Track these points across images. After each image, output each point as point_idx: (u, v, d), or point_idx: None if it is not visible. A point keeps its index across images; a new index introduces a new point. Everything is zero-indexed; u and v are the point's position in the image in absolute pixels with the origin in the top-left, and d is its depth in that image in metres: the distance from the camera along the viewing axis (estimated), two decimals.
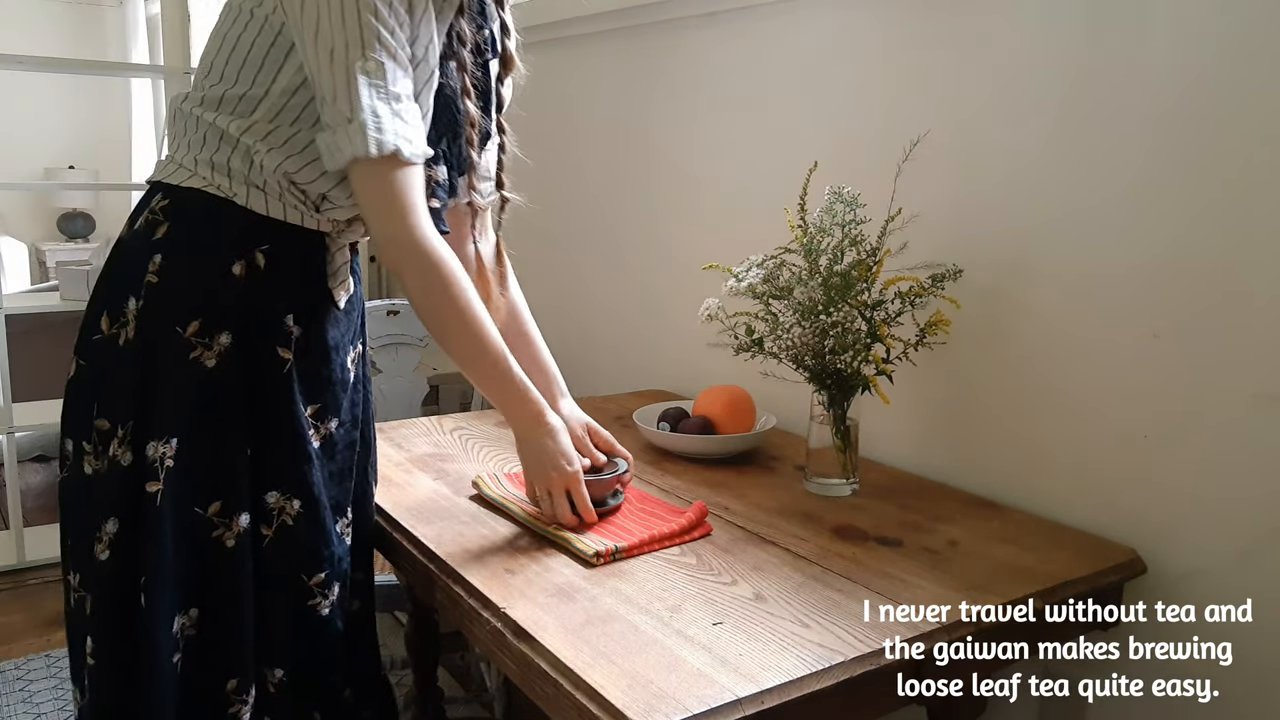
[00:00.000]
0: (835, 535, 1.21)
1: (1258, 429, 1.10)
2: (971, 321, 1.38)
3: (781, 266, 1.33)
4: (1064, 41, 1.25)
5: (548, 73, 2.35)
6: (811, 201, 1.35)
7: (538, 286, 2.44)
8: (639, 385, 2.06)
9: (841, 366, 1.28)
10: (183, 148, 1.11)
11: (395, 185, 1.03)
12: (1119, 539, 1.23)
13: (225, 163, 1.07)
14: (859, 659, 0.92)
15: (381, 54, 1.01)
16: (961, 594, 1.05)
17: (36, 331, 3.05)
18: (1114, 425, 1.24)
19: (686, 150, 1.92)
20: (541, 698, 0.93)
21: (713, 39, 1.82)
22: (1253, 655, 1.13)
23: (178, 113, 1.12)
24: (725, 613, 1.00)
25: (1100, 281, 1.24)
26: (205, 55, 1.11)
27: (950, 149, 1.39)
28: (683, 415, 1.57)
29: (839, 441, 1.34)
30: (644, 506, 1.28)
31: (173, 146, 1.13)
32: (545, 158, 2.38)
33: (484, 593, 1.04)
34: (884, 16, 1.48)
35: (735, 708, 0.84)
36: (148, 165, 5.09)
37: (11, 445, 2.70)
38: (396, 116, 1.01)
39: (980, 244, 1.37)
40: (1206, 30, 1.10)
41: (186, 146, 1.10)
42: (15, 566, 2.64)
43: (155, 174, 1.12)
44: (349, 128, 1.00)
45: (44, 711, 1.99)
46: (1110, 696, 1.27)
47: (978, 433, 1.41)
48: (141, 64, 4.98)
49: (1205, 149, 1.12)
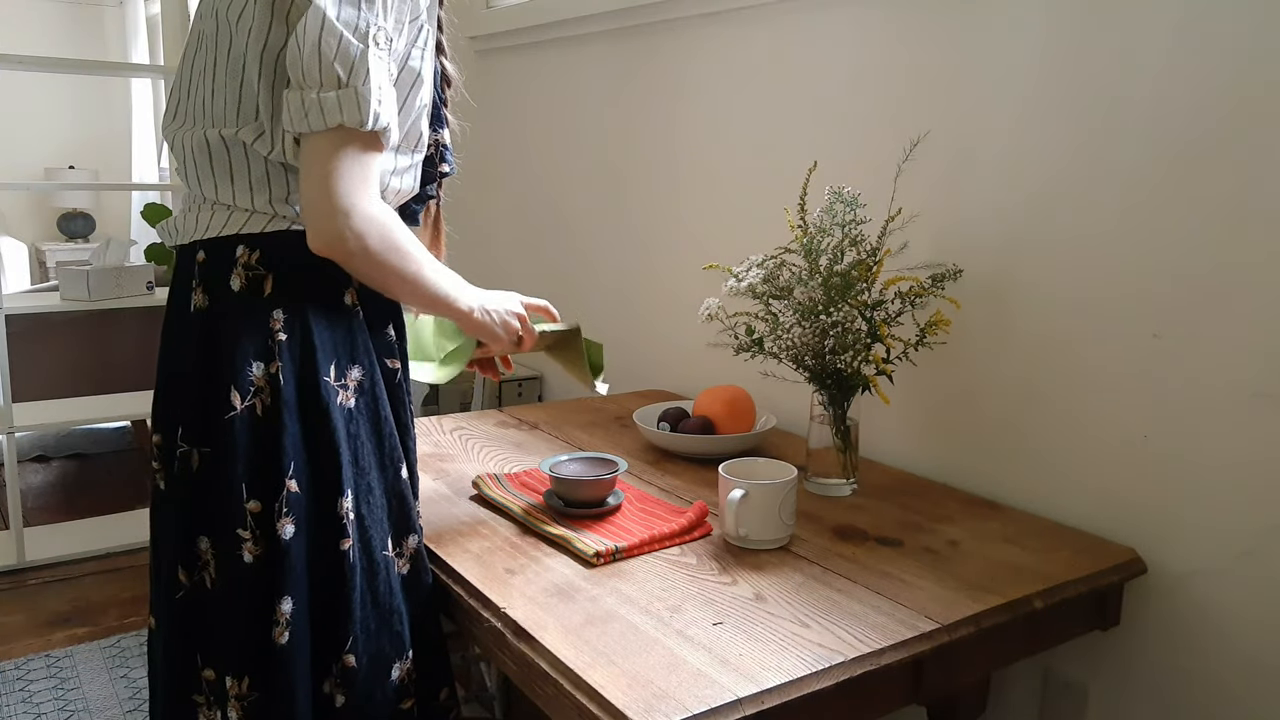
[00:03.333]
0: (835, 535, 1.21)
1: (1258, 429, 1.10)
2: (971, 321, 1.38)
3: (781, 266, 1.33)
4: (1064, 41, 1.25)
5: (547, 73, 2.36)
6: (811, 201, 1.35)
7: (537, 286, 2.44)
8: (639, 385, 2.06)
9: (841, 366, 1.28)
10: (240, 192, 1.03)
11: (370, 161, 0.98)
12: (1119, 539, 1.23)
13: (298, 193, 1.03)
14: (859, 659, 0.92)
15: (391, 25, 0.98)
16: (961, 594, 1.05)
17: (36, 331, 3.05)
18: (1114, 425, 1.24)
19: (686, 150, 1.92)
20: (541, 698, 0.93)
21: (712, 39, 1.82)
22: (1253, 655, 1.13)
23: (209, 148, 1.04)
24: (725, 613, 1.00)
25: (1100, 282, 1.24)
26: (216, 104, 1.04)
27: (950, 149, 1.39)
28: (683, 415, 1.57)
29: (839, 441, 1.34)
30: (644, 506, 1.28)
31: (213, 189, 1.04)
32: (545, 157, 2.39)
33: (484, 593, 1.05)
34: (884, 17, 1.48)
35: (735, 708, 0.84)
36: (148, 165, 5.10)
37: (11, 445, 2.70)
38: (390, 96, 0.99)
39: (980, 244, 1.37)
40: (1207, 30, 1.10)
41: (248, 190, 1.03)
42: (15, 566, 2.64)
43: (214, 228, 1.02)
44: (341, 93, 0.93)
45: (44, 712, 1.99)
46: (1110, 696, 1.28)
47: (978, 433, 1.41)
48: (141, 64, 4.99)
49: (1206, 148, 1.12)
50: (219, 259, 1.03)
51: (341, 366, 1.04)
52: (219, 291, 1.02)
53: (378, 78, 0.96)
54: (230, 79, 1.02)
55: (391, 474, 1.08)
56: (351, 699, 1.03)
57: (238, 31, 1.00)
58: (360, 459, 1.05)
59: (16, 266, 4.78)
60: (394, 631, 1.06)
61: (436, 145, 1.15)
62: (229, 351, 1.00)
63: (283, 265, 1.02)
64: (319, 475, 1.02)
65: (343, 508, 1.02)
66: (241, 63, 1.01)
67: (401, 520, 1.08)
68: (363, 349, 1.06)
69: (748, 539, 1.16)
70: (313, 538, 1.01)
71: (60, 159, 5.42)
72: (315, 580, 1.02)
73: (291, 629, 1.00)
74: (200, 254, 1.04)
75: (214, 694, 1.03)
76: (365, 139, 0.97)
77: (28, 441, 3.45)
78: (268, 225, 1.02)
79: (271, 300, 1.01)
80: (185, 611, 1.04)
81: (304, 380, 1.01)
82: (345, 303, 1.06)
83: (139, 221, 4.77)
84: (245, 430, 1.00)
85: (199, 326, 1.03)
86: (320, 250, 0.97)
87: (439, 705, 1.13)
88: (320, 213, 0.96)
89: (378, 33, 0.96)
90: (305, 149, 0.96)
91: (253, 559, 1.00)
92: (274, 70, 0.99)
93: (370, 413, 1.06)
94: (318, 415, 1.02)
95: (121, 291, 2.81)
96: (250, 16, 0.99)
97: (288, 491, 1.00)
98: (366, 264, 1.00)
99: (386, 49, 0.98)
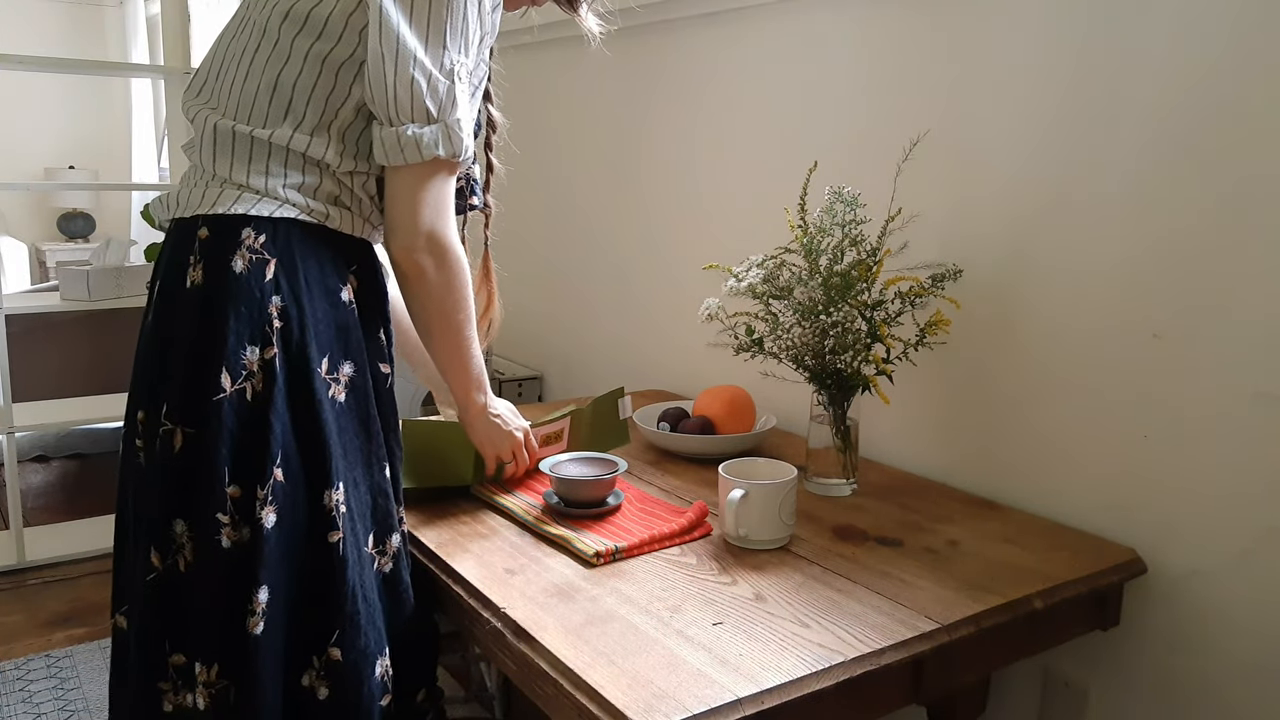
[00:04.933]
0: (835, 535, 1.21)
1: (1258, 429, 1.10)
2: (971, 321, 1.38)
3: (781, 266, 1.33)
4: (1064, 41, 1.25)
5: (548, 73, 2.36)
6: (811, 201, 1.35)
7: (538, 286, 2.44)
8: (639, 385, 2.06)
9: (841, 366, 1.28)
10: (255, 175, 1.04)
11: (448, 187, 1.08)
12: (1119, 539, 1.23)
13: (315, 187, 1.05)
14: (859, 659, 0.92)
15: (468, 57, 1.05)
16: (961, 594, 1.05)
17: (36, 331, 3.05)
18: (1114, 425, 1.24)
19: (687, 150, 1.92)
20: (541, 698, 0.93)
21: (713, 39, 1.82)
22: (1252, 655, 1.13)
23: (233, 136, 1.05)
24: (725, 613, 1.00)
25: (1101, 282, 1.24)
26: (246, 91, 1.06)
27: (950, 149, 1.39)
28: (683, 415, 1.57)
29: (839, 441, 1.34)
30: (644, 506, 1.28)
31: (227, 168, 1.05)
32: (545, 158, 2.39)
33: (484, 593, 1.05)
34: (885, 17, 1.48)
35: (735, 708, 0.84)
36: (148, 165, 5.10)
37: (11, 445, 2.70)
38: (470, 128, 1.07)
39: (980, 244, 1.37)
40: (1207, 29, 1.10)
41: (263, 174, 1.04)
42: (15, 566, 2.64)
43: (222, 205, 1.02)
44: (433, 128, 1.03)
45: (44, 712, 1.99)
46: (1110, 696, 1.28)
47: (978, 433, 1.41)
48: (141, 64, 4.98)
49: (1205, 148, 1.12)
50: (223, 237, 1.02)
51: (335, 360, 1.04)
52: (219, 270, 1.01)
53: (463, 111, 1.05)
54: (269, 68, 1.05)
55: (376, 472, 1.08)
56: (335, 692, 1.02)
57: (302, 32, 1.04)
58: (348, 453, 1.05)
59: (16, 266, 4.78)
60: (376, 628, 1.06)
61: (466, 178, 1.23)
62: (223, 332, 0.99)
63: (287, 253, 1.03)
64: (307, 466, 1.01)
65: (332, 500, 1.02)
66: (287, 54, 1.04)
67: (384, 519, 1.08)
68: (356, 346, 1.07)
69: (748, 539, 1.16)
70: (297, 529, 1.01)
71: (60, 159, 5.42)
72: (298, 572, 1.01)
73: (267, 619, 0.99)
74: (203, 230, 1.03)
75: (182, 679, 1.01)
76: (450, 167, 1.08)
77: (28, 441, 3.45)
78: (277, 211, 1.03)
79: (272, 286, 1.01)
80: (156, 595, 1.01)
81: (298, 369, 1.01)
82: (343, 299, 1.06)
83: (139, 221, 4.77)
84: (233, 413, 0.99)
85: (194, 303, 1.01)
86: (399, 261, 1.08)
87: (416, 705, 1.13)
88: (406, 231, 1.07)
89: (460, 68, 1.04)
90: (396, 177, 1.05)
91: (231, 544, 0.99)
92: (334, 76, 1.04)
93: (360, 409, 1.06)
94: (309, 406, 1.01)
95: (121, 291, 2.81)
96: (321, 19, 1.03)
97: (273, 480, 0.99)
98: (429, 284, 1.10)
99: (469, 83, 1.06)
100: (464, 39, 1.04)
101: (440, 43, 1.02)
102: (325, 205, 1.05)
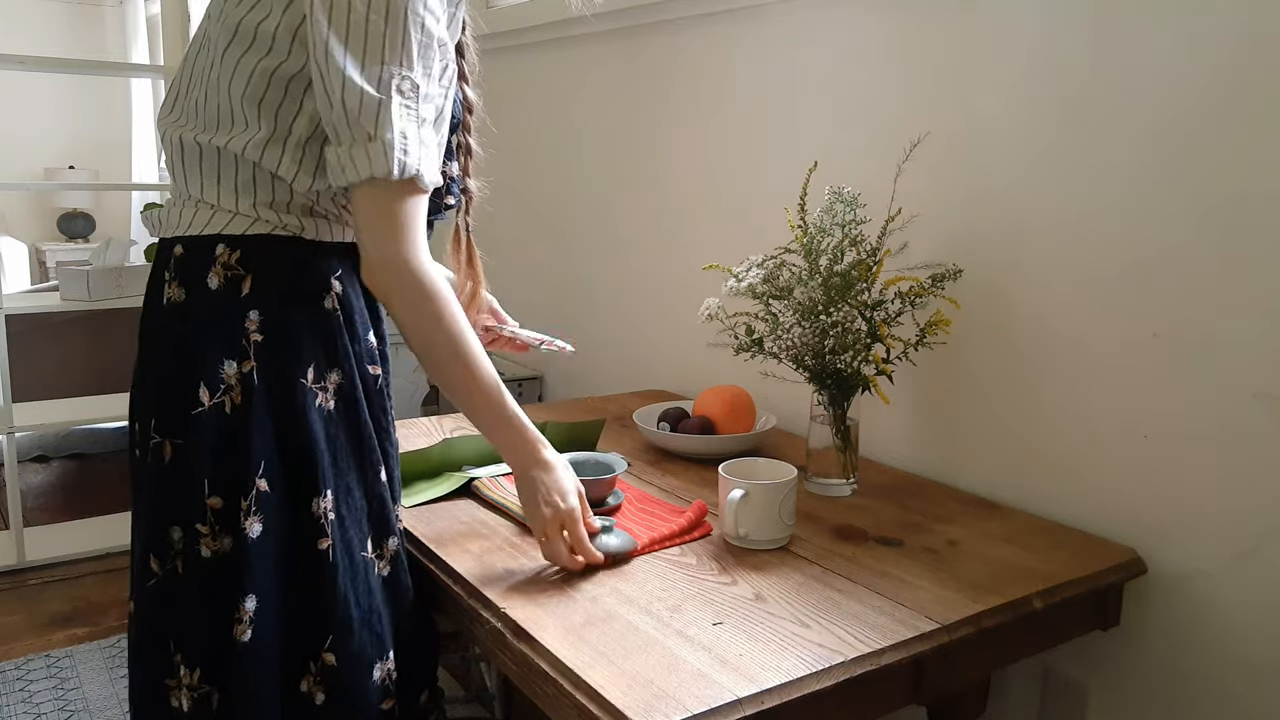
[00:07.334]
0: (835, 535, 1.21)
1: (1257, 429, 1.10)
2: (971, 321, 1.38)
3: (781, 266, 1.33)
4: (1064, 41, 1.25)
5: (548, 73, 2.36)
6: (811, 201, 1.35)
7: (538, 287, 2.44)
8: (639, 385, 2.06)
9: (841, 366, 1.28)
10: (226, 193, 1.03)
11: (404, 209, 1.00)
12: (1119, 539, 1.23)
13: (286, 201, 1.04)
14: (859, 659, 0.92)
15: (418, 73, 0.98)
16: (961, 594, 1.05)
17: (36, 331, 3.05)
18: (1114, 425, 1.24)
19: (686, 150, 1.92)
20: (541, 698, 0.93)
21: (713, 39, 1.82)
22: (1252, 655, 1.13)
23: (199, 149, 1.04)
24: (725, 613, 1.00)
25: (1100, 282, 1.24)
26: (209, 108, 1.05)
27: (950, 149, 1.39)
28: (683, 415, 1.57)
29: (839, 441, 1.34)
30: (644, 506, 1.28)
31: (198, 187, 1.05)
32: (545, 156, 2.39)
33: (484, 593, 1.05)
34: (884, 17, 1.48)
35: (735, 708, 0.84)
36: (148, 165, 5.09)
37: (11, 445, 2.70)
38: (421, 142, 0.99)
39: (980, 244, 1.37)
40: (1207, 30, 1.10)
41: (233, 192, 1.03)
42: (15, 566, 2.64)
43: (196, 226, 1.03)
44: (370, 145, 0.96)
45: (44, 711, 1.99)
46: (1110, 696, 1.28)
47: (978, 433, 1.41)
48: (141, 64, 4.99)
49: (1205, 148, 1.12)
50: (198, 255, 1.03)
51: (320, 369, 1.04)
52: (195, 288, 1.03)
53: (401, 125, 0.97)
54: (220, 83, 1.03)
55: (371, 476, 1.08)
56: (332, 697, 1.03)
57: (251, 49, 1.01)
58: (339, 460, 1.05)
59: (16, 266, 4.78)
60: (374, 632, 1.06)
61: (445, 177, 1.16)
62: (200, 348, 1.01)
63: (263, 267, 1.03)
64: (293, 475, 1.02)
65: (320, 508, 1.02)
66: (234, 69, 1.01)
67: (381, 523, 1.08)
68: (343, 353, 1.06)
69: (748, 539, 1.16)
70: (286, 537, 1.02)
71: (60, 159, 5.41)
72: (289, 579, 1.02)
73: (254, 627, 1.00)
74: (178, 248, 1.04)
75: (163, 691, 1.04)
76: (397, 188, 0.99)
77: (28, 441, 3.45)
78: (250, 228, 1.03)
79: (248, 300, 1.02)
80: (156, 598, 1.04)
81: (279, 381, 1.02)
82: (325, 307, 1.06)
83: (139, 221, 4.74)
84: (212, 427, 1.00)
85: (172, 321, 1.04)
86: (369, 288, 1.04)
87: (419, 708, 1.14)
88: (364, 255, 1.02)
89: (401, 82, 0.97)
90: (353, 198, 1.00)
91: (211, 554, 1.00)
92: (283, 89, 1.01)
93: (349, 416, 1.06)
94: (292, 416, 1.02)
95: (121, 291, 2.81)
96: (268, 34, 1.00)
97: (256, 490, 1.00)
98: (396, 312, 1.04)
99: (414, 96, 0.99)
100: (405, 50, 0.97)
101: (377, 58, 0.95)
102: (299, 218, 1.05)
